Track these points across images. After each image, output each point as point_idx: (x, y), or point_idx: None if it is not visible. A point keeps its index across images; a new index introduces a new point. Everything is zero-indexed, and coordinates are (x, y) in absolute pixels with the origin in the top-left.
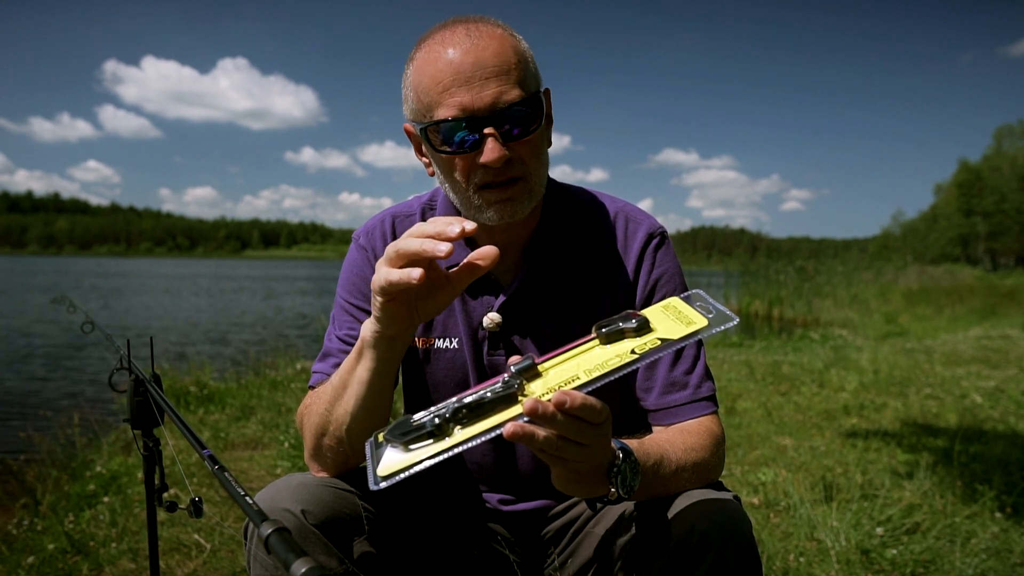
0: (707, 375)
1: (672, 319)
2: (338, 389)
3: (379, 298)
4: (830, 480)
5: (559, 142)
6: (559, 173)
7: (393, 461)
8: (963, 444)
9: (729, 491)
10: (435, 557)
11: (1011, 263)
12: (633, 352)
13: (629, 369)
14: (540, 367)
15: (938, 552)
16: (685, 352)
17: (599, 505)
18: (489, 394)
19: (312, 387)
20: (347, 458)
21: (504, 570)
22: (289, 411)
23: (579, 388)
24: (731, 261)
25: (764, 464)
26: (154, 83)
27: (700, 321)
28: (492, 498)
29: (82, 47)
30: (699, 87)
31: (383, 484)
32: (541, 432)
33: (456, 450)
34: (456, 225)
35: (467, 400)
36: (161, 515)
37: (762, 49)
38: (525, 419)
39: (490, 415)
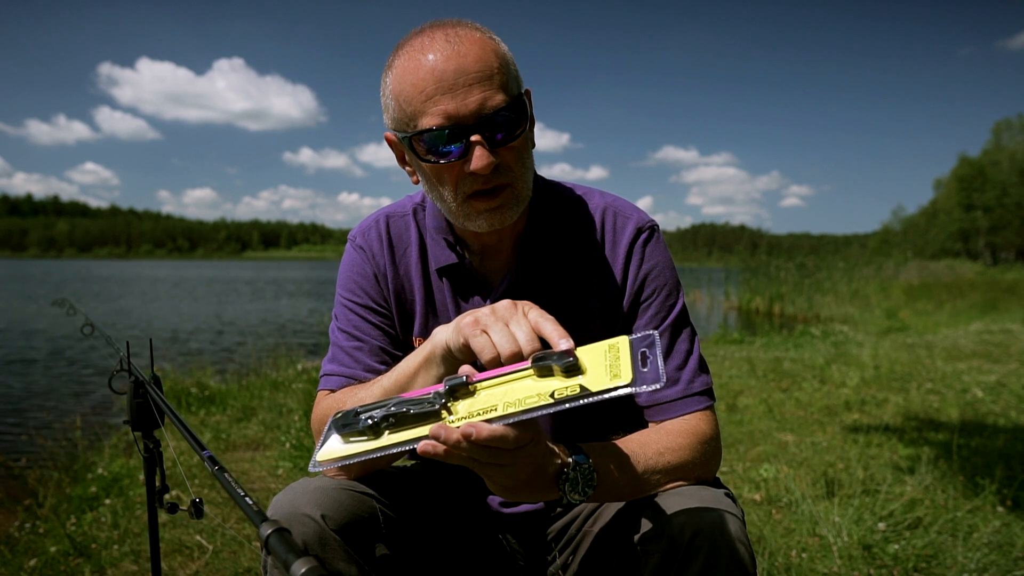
0: (701, 369)
1: (605, 365)
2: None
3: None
4: (832, 476)
5: (558, 140)
6: (558, 171)
7: (332, 449)
8: (964, 438)
9: (724, 488)
10: (440, 559)
11: (1012, 257)
12: (552, 396)
13: (543, 412)
14: (474, 386)
15: (940, 546)
16: (677, 346)
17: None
18: (414, 409)
19: (331, 390)
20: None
21: (508, 571)
22: (291, 412)
23: (493, 420)
24: (731, 258)
25: (766, 460)
26: (150, 85)
27: (625, 377)
28: (494, 500)
29: (76, 49)
30: (698, 84)
31: (319, 468)
32: (453, 451)
33: (381, 453)
34: None
35: (396, 409)
36: (163, 517)
37: (761, 46)
38: None
39: (415, 426)
